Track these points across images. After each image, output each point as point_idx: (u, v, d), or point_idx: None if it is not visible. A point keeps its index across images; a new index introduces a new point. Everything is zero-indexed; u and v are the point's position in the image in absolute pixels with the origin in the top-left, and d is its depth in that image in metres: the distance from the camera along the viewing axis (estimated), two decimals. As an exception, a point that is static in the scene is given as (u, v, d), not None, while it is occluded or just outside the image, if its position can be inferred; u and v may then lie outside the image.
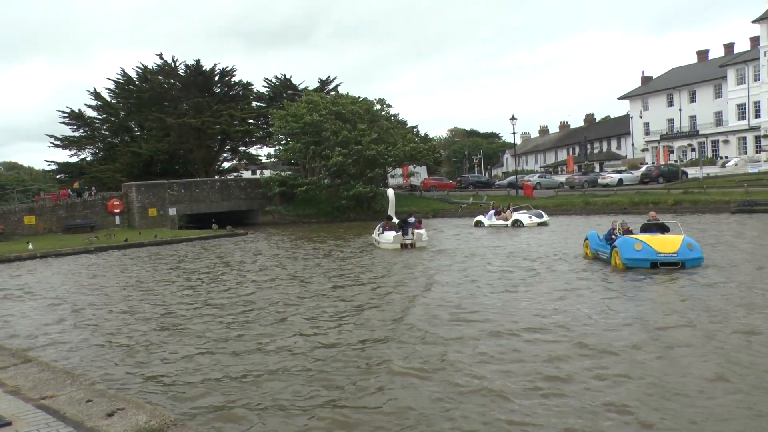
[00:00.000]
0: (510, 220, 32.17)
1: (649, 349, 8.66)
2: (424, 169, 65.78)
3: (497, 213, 33.56)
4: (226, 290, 15.80)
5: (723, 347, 8.53)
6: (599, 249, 17.53)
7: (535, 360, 8.39)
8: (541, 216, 32.72)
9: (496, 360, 8.50)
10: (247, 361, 9.00)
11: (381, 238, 24.59)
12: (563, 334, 9.65)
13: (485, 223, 33.15)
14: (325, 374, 8.19)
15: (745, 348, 8.45)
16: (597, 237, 18.17)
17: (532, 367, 8.07)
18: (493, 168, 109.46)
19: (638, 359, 8.22)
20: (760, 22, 61.01)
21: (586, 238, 18.94)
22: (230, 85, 64.88)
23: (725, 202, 34.53)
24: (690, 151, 67.68)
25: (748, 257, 16.62)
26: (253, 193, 50.61)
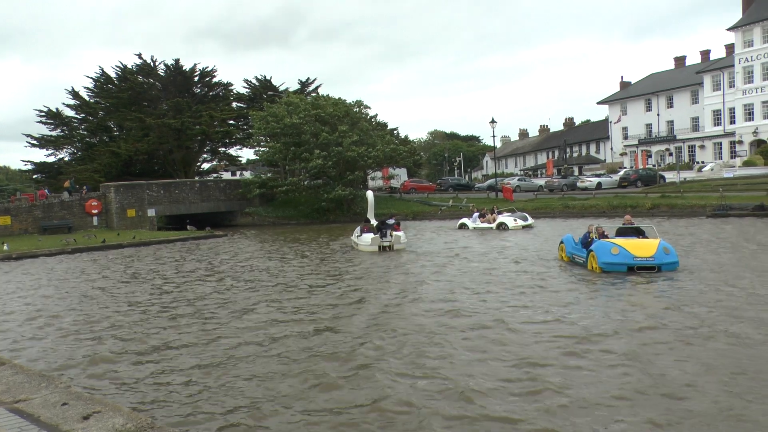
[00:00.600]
0: (495, 223, 32.13)
1: (625, 351, 8.76)
2: (404, 172, 65.88)
3: (481, 216, 33.51)
4: (201, 292, 15.70)
5: (696, 348, 8.65)
6: (575, 253, 17.58)
7: (513, 363, 8.45)
8: (525, 219, 32.84)
9: (474, 358, 8.56)
10: (223, 363, 8.96)
11: (359, 241, 24.53)
12: (541, 333, 9.75)
13: (469, 225, 33.10)
14: (300, 375, 8.20)
15: (722, 350, 8.57)
16: (572, 241, 18.23)
17: (509, 371, 8.13)
18: (473, 171, 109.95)
19: (616, 365, 8.31)
20: (735, 30, 61.97)
21: (561, 242, 18.98)
22: (210, 85, 64.57)
23: (701, 206, 34.98)
24: (667, 156, 68.46)
25: (722, 261, 16.78)
26: (233, 194, 50.41)
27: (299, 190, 49.12)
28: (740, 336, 9.21)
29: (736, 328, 9.59)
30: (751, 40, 60.53)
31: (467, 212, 43.68)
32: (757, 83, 60.28)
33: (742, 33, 61.24)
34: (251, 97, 64.84)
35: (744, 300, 11.61)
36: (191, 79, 62.92)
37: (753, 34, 60.24)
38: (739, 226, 27.22)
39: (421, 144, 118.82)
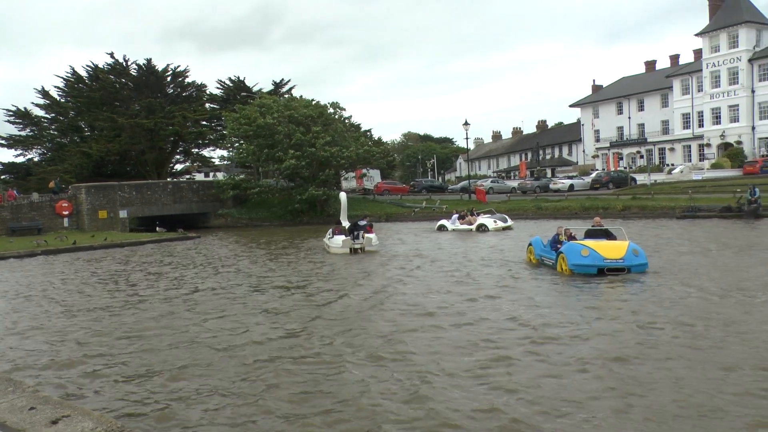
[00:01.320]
0: (475, 225, 31.97)
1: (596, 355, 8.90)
2: (377, 173, 65.93)
3: (461, 217, 33.32)
4: (171, 295, 15.60)
5: (666, 350, 8.82)
6: (544, 255, 17.57)
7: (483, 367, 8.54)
8: (505, 220, 32.81)
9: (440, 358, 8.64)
10: (193, 365, 8.93)
11: (331, 243, 24.33)
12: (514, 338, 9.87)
13: (448, 227, 32.88)
14: (272, 375, 8.21)
15: (688, 351, 8.75)
16: (541, 243, 18.22)
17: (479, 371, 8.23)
18: (446, 172, 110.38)
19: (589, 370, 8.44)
20: (702, 36, 63.06)
21: (529, 244, 18.95)
22: (183, 86, 64.04)
23: (671, 208, 35.52)
24: (639, 158, 69.39)
25: (690, 263, 17.01)
26: (206, 195, 50.02)
27: (272, 191, 48.92)
28: (705, 336, 9.39)
29: (701, 329, 9.76)
30: (717, 45, 61.63)
31: (441, 214, 43.86)
32: (723, 88, 61.36)
33: (709, 39, 62.33)
34: (225, 98, 64.43)
35: (709, 301, 11.82)
36: (164, 80, 62.35)
37: (719, 39, 61.35)
38: (706, 227, 27.71)
39: (394, 145, 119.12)
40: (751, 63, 59.52)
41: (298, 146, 46.14)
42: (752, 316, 10.49)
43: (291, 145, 46.34)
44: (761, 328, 9.70)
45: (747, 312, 10.81)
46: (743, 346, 8.74)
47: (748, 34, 59.65)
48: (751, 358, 8.22)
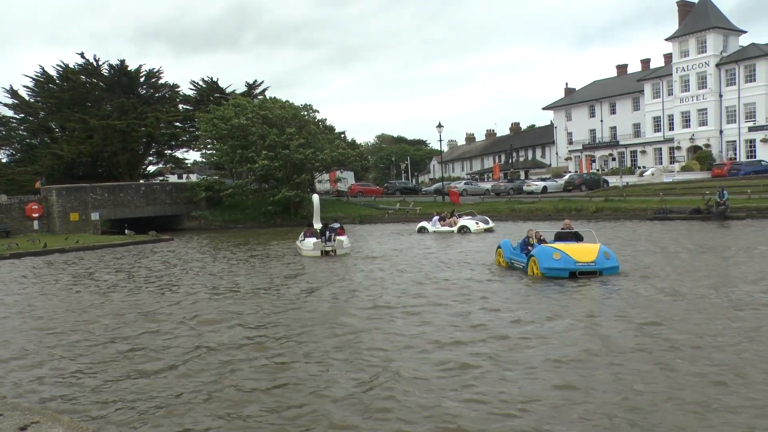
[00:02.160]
0: (456, 227, 31.78)
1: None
2: (351, 175, 65.89)
3: (442, 219, 33.10)
4: (142, 299, 15.46)
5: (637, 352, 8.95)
6: (514, 258, 17.41)
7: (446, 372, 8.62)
8: (487, 222, 32.62)
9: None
10: (163, 368, 8.88)
11: (302, 245, 24.14)
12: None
13: (429, 229, 32.60)
14: (237, 380, 8.21)
15: (660, 354, 8.88)
16: (510, 245, 18.06)
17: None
18: (420, 174, 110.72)
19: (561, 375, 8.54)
20: (672, 41, 64.11)
21: (498, 247, 18.71)
22: (156, 86, 63.47)
23: (643, 210, 36.00)
24: (611, 161, 70.21)
25: (662, 264, 17.14)
26: (179, 197, 49.63)
27: (246, 193, 48.69)
28: (677, 342, 9.54)
29: (674, 333, 9.82)
30: (687, 50, 62.67)
31: (414, 215, 44.01)
32: (693, 92, 62.40)
33: (679, 43, 63.36)
34: (198, 99, 64.01)
35: (681, 303, 11.89)
36: (136, 80, 61.73)
37: (689, 44, 62.40)
38: (677, 228, 28.13)
39: (368, 147, 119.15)
40: (719, 68, 60.61)
41: (272, 148, 45.99)
42: (713, 319, 10.66)
43: (264, 147, 46.17)
44: (710, 330, 9.75)
45: (710, 315, 10.99)
46: (698, 351, 8.83)
47: (716, 40, 60.76)
48: (699, 360, 8.29)
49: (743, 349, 8.73)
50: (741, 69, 59.15)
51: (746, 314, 10.75)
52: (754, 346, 8.87)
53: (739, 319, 10.42)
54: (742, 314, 10.77)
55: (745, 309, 11.15)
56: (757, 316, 10.62)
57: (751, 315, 10.68)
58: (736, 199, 33.87)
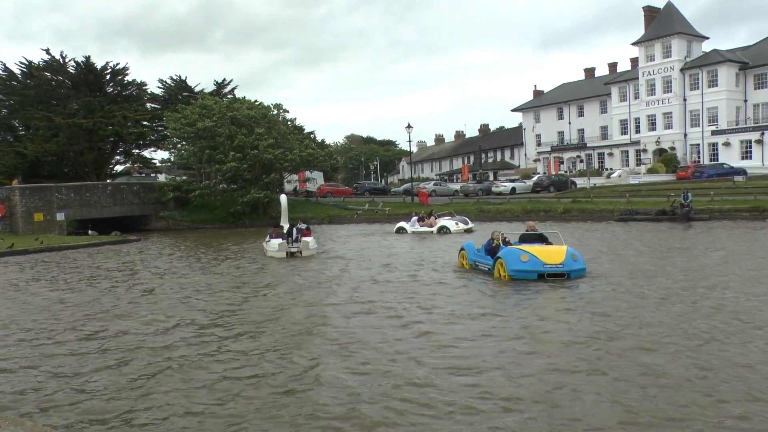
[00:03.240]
0: (435, 227, 31.52)
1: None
2: (320, 175, 65.76)
3: (420, 219, 32.80)
4: (102, 300, 15.27)
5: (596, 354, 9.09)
6: (478, 260, 17.10)
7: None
8: (467, 222, 32.47)
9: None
10: (128, 371, 8.79)
11: (268, 246, 23.85)
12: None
13: (408, 229, 32.25)
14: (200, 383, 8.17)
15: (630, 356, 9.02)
16: (474, 247, 17.79)
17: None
18: (389, 175, 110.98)
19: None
20: (639, 45, 65.25)
21: (462, 249, 18.36)
22: (123, 84, 62.58)
23: (610, 211, 36.52)
24: (579, 162, 71.13)
25: (628, 266, 17.26)
26: (147, 197, 48.99)
27: (214, 193, 48.29)
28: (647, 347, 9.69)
29: (645, 336, 9.80)
30: (653, 54, 63.83)
31: (383, 216, 44.11)
32: (658, 95, 63.57)
33: (645, 48, 64.50)
34: (166, 98, 63.32)
35: (649, 305, 11.94)
36: (103, 78, 60.82)
37: (654, 49, 63.56)
38: (643, 229, 28.59)
39: (337, 148, 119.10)
40: (683, 72, 61.83)
41: (240, 148, 45.69)
42: (674, 322, 10.87)
43: (233, 147, 45.87)
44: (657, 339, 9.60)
45: (673, 317, 11.19)
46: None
47: (680, 45, 61.99)
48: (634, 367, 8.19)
49: (675, 354, 8.90)
50: (704, 74, 60.42)
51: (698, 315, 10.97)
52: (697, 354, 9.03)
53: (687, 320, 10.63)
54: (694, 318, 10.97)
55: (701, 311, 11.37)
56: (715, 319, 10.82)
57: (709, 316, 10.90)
58: (699, 201, 34.56)
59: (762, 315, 10.71)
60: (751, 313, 10.81)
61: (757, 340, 9.15)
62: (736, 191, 39.30)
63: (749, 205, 33.28)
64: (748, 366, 7.97)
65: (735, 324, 10.15)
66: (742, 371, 7.78)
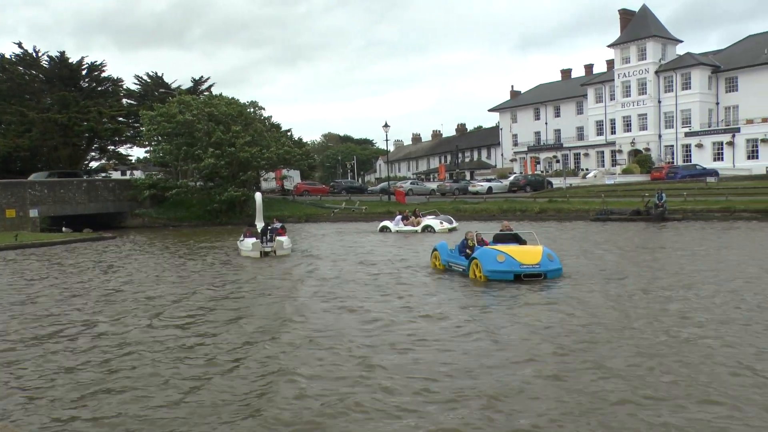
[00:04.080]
0: (420, 226, 31.25)
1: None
2: (297, 174, 65.59)
3: (404, 218, 32.49)
4: (71, 301, 15.14)
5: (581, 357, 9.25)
6: (452, 260, 16.81)
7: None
8: (451, 222, 32.18)
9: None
10: (103, 375, 8.74)
11: (241, 246, 23.47)
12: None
13: (392, 228, 31.89)
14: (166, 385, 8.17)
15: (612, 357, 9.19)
16: (447, 248, 17.52)
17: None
18: (366, 174, 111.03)
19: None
20: (614, 47, 66.08)
21: (434, 249, 18.01)
22: (99, 80, 61.91)
23: (585, 211, 36.86)
24: (555, 163, 71.74)
25: (603, 266, 17.30)
26: (123, 195, 48.46)
27: (191, 191, 47.91)
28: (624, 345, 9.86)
29: (624, 337, 9.80)
30: (628, 57, 64.67)
31: (360, 215, 44.12)
32: (633, 97, 64.42)
33: (621, 50, 65.34)
34: (142, 94, 62.78)
35: (625, 307, 11.97)
36: (78, 73, 60.11)
37: (630, 51, 64.42)
38: (617, 230, 28.93)
39: (314, 146, 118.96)
40: (658, 75, 62.73)
41: (218, 145, 45.43)
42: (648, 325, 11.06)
43: (210, 144, 45.59)
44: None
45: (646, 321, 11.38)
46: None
47: (655, 48, 62.90)
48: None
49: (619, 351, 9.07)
50: (678, 77, 61.36)
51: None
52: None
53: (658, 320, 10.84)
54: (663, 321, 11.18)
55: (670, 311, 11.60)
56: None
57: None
58: (673, 202, 35.05)
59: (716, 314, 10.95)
60: (715, 312, 11.04)
61: (713, 342, 9.19)
62: (709, 192, 39.94)
63: (721, 206, 33.85)
64: (687, 364, 8.14)
65: (700, 322, 10.39)
66: (685, 371, 7.92)
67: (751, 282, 13.83)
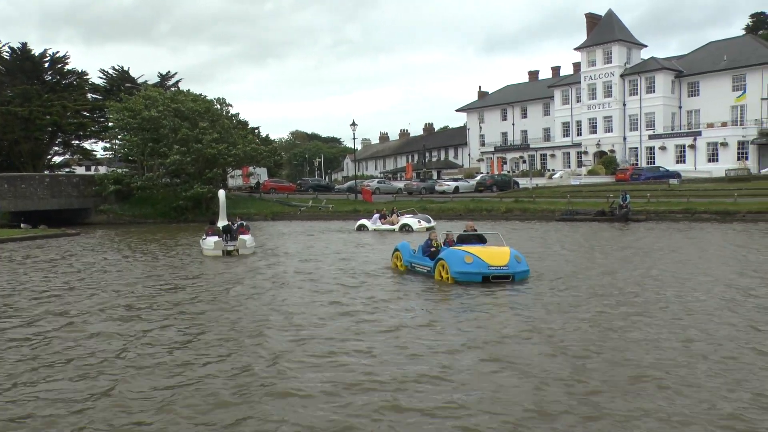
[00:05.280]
0: (398, 225, 31.07)
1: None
2: (264, 171, 65.27)
3: (382, 217, 32.28)
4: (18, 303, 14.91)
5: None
6: (415, 261, 16.25)
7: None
8: (429, 221, 32.00)
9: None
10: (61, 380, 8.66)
11: (203, 245, 22.81)
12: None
13: (369, 227, 31.56)
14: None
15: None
16: (409, 248, 16.95)
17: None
18: (333, 172, 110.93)
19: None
20: (581, 50, 67.05)
21: (396, 249, 17.39)
22: (63, 73, 60.77)
23: (551, 211, 37.26)
24: (521, 163, 72.52)
25: (569, 266, 17.43)
26: (87, 190, 47.51)
27: (157, 187, 47.28)
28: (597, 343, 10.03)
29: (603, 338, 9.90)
30: (594, 60, 65.67)
31: (327, 213, 44.06)
32: (599, 100, 65.42)
33: (587, 53, 66.32)
34: (108, 89, 61.74)
35: (592, 305, 12.07)
36: (41, 66, 58.96)
37: (596, 55, 65.43)
38: (582, 230, 29.35)
39: (282, 144, 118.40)
40: (623, 78, 63.82)
41: (184, 141, 44.94)
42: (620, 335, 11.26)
43: (176, 140, 45.09)
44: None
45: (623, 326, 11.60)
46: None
47: (620, 52, 63.99)
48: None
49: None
50: (642, 80, 62.51)
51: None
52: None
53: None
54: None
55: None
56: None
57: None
58: (637, 203, 35.67)
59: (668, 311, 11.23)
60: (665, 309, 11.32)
61: (674, 341, 9.36)
62: (671, 193, 40.77)
63: (682, 207, 34.55)
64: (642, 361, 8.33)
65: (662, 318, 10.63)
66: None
67: (691, 280, 14.30)
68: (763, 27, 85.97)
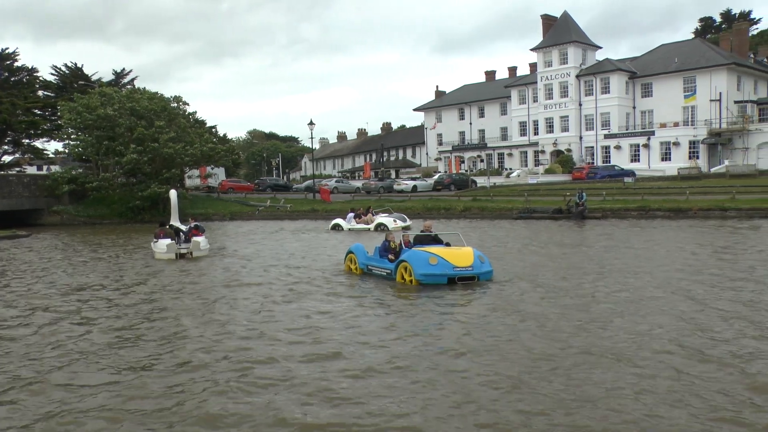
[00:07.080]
0: (373, 224, 30.83)
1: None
2: (222, 171, 64.60)
3: (357, 216, 32.00)
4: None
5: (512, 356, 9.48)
6: (372, 264, 15.72)
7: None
8: (405, 220, 31.84)
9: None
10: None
11: (155, 247, 21.51)
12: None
13: (344, 227, 31.15)
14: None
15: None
16: (364, 250, 16.36)
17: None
18: (291, 171, 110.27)
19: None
20: (537, 51, 68.00)
21: (349, 251, 16.70)
22: (12, 70, 59.14)
23: (509, 209, 37.65)
24: (479, 162, 73.11)
25: (528, 265, 17.56)
26: (39, 190, 46.25)
27: (113, 187, 46.32)
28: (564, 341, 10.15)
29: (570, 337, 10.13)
30: (550, 60, 66.62)
31: (285, 213, 43.78)
32: (556, 100, 66.37)
33: (543, 54, 67.25)
34: (60, 86, 60.34)
35: (557, 303, 12.18)
36: (-11, 63, 57.33)
37: (552, 56, 66.39)
38: (540, 228, 29.68)
39: (240, 143, 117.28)
40: (579, 79, 64.87)
41: (140, 141, 44.15)
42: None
43: (133, 139, 44.27)
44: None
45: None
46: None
47: (576, 53, 65.05)
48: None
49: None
50: (598, 81, 63.66)
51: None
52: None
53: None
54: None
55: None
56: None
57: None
58: (593, 201, 36.31)
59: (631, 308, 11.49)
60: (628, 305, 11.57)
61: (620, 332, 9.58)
62: (626, 192, 41.59)
63: (637, 205, 35.25)
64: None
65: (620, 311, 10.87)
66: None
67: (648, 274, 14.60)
68: (711, 31, 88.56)
